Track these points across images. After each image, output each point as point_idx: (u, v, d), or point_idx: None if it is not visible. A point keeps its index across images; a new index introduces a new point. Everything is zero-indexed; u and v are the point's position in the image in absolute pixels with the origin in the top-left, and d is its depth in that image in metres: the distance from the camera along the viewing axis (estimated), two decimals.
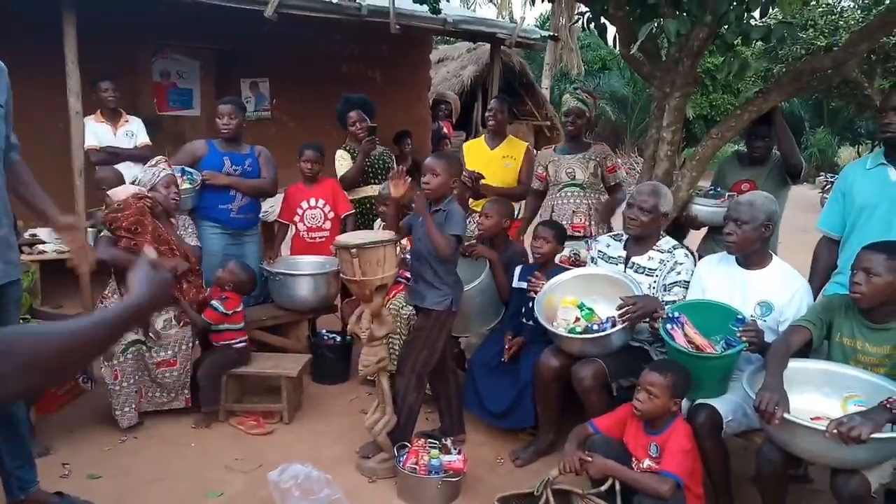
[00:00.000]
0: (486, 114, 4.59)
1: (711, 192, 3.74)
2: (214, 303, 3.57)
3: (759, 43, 4.93)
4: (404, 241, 3.72)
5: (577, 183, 4.08)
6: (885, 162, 2.94)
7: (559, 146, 4.30)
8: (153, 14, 5.50)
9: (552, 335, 3.13)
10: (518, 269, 3.61)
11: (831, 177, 16.64)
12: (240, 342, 3.66)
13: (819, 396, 2.50)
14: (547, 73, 18.96)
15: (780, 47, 8.80)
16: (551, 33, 7.70)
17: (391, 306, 3.70)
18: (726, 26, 3.00)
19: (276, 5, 5.48)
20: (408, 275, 3.52)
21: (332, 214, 4.46)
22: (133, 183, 3.92)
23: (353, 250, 2.94)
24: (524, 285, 3.50)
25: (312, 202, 4.43)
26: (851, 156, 23.58)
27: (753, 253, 2.87)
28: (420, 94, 8.94)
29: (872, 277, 2.40)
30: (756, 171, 3.73)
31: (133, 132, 5.25)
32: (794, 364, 2.52)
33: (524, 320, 3.50)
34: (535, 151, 4.64)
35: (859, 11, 7.62)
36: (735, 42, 3.11)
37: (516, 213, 4.33)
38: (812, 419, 2.29)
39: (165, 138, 6.53)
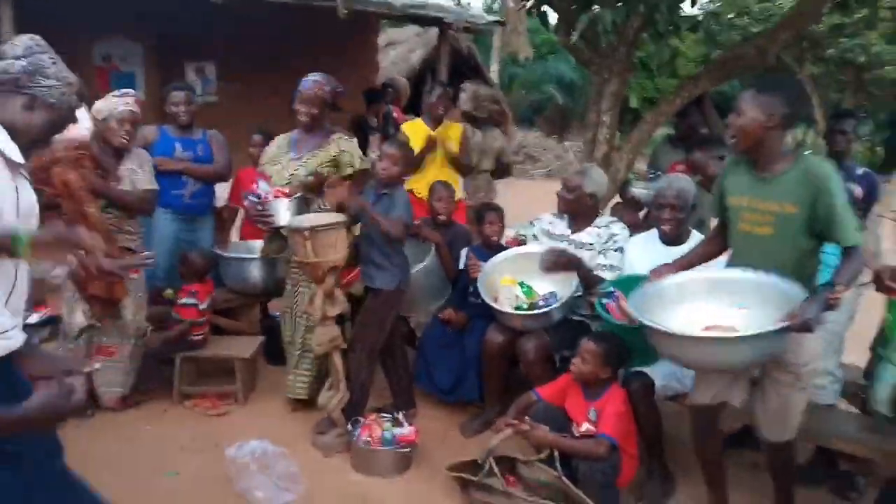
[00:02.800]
0: (432, 100, 4.67)
1: (651, 175, 3.95)
2: (187, 300, 3.61)
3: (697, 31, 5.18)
4: None
5: None
6: None
7: None
8: None
9: (497, 313, 3.30)
10: (464, 251, 3.75)
11: None
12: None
13: (708, 306, 2.48)
14: (495, 56, 19.09)
15: (718, 34, 9.08)
16: (499, 18, 7.80)
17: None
18: (658, 16, 3.18)
19: None
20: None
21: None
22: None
23: (307, 233, 3.04)
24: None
25: (266, 183, 4.45)
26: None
27: (676, 230, 3.09)
28: (369, 79, 8.96)
29: (741, 116, 2.34)
30: (687, 152, 3.94)
31: (78, 119, 5.16)
32: (678, 278, 2.55)
33: (472, 299, 3.65)
34: (470, 130, 4.82)
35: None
36: (665, 31, 3.30)
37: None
38: (705, 329, 2.34)
39: None
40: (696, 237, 3.13)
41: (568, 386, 2.92)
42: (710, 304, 2.46)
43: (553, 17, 3.92)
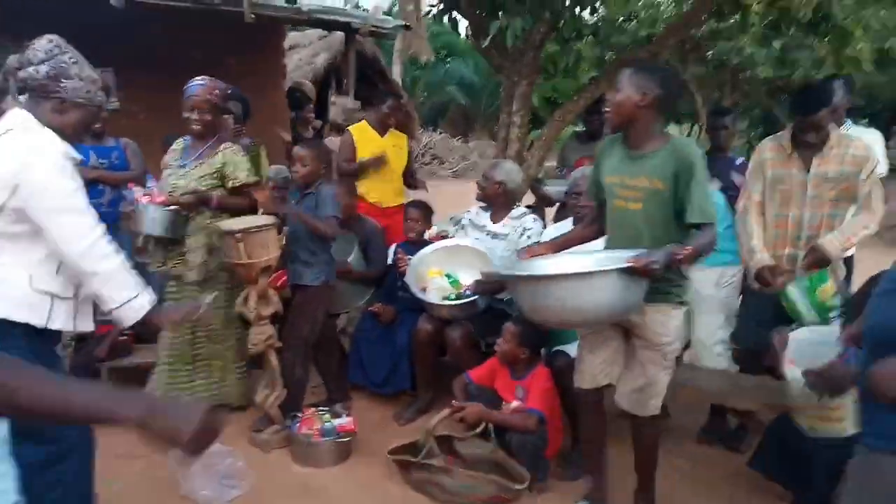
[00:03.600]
0: (385, 110, 4.62)
1: (558, 171, 4.24)
2: (102, 317, 3.54)
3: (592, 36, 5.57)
4: None
5: None
6: None
7: None
8: None
9: (426, 304, 3.47)
10: (393, 247, 3.90)
11: None
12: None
13: None
14: (397, 59, 19.26)
15: (610, 38, 9.60)
16: (404, 23, 7.98)
17: None
18: (562, 23, 3.46)
19: None
20: None
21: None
22: None
23: (239, 235, 3.09)
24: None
25: None
26: (677, 133, 26.05)
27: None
28: (276, 83, 8.89)
29: (617, 93, 2.44)
30: (593, 147, 4.26)
31: None
32: (552, 258, 2.60)
33: (400, 293, 3.80)
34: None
35: (673, 6, 8.58)
36: (570, 36, 3.58)
37: None
38: None
39: None
40: None
41: (496, 368, 3.14)
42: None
43: (463, 23, 4.15)
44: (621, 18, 8.47)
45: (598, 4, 3.62)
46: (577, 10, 3.41)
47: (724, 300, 3.53)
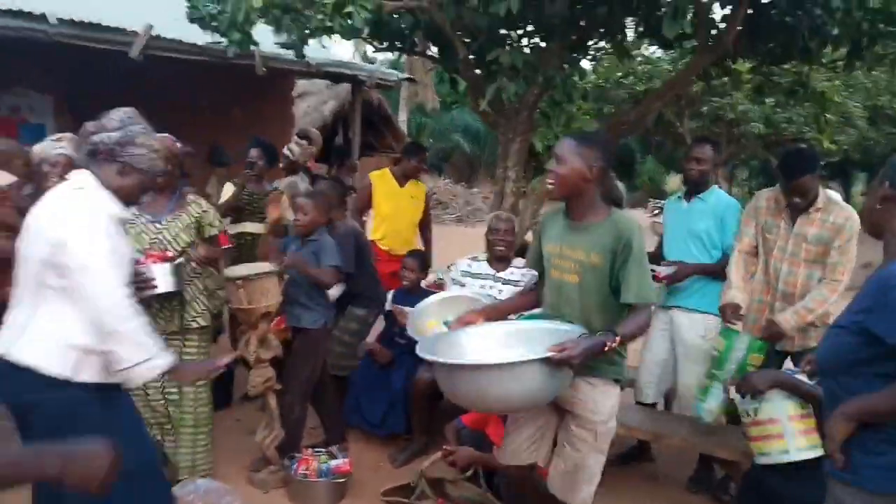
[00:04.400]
0: (414, 162, 4.77)
1: None
2: None
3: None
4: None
5: None
6: (683, 196, 3.72)
7: None
8: (4, 48, 5.40)
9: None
10: (391, 294, 4.05)
11: (658, 202, 18.69)
12: None
13: (503, 353, 2.36)
14: (403, 107, 19.77)
15: (606, 93, 9.87)
16: (408, 76, 8.30)
17: None
18: (554, 89, 3.69)
19: (141, 47, 5.61)
20: None
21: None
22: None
23: (240, 281, 3.25)
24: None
25: None
26: (677, 183, 26.46)
27: None
28: (284, 131, 9.18)
29: (561, 165, 2.33)
30: None
31: None
32: (481, 328, 2.48)
33: (396, 338, 3.94)
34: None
35: (668, 63, 8.91)
36: (561, 100, 3.80)
37: None
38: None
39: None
40: None
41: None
42: (502, 353, 2.34)
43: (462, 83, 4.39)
44: (619, 74, 8.82)
45: (589, 71, 3.84)
46: (569, 75, 3.63)
47: (709, 350, 3.62)
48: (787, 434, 2.53)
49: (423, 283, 4.10)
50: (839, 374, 1.71)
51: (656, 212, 17.52)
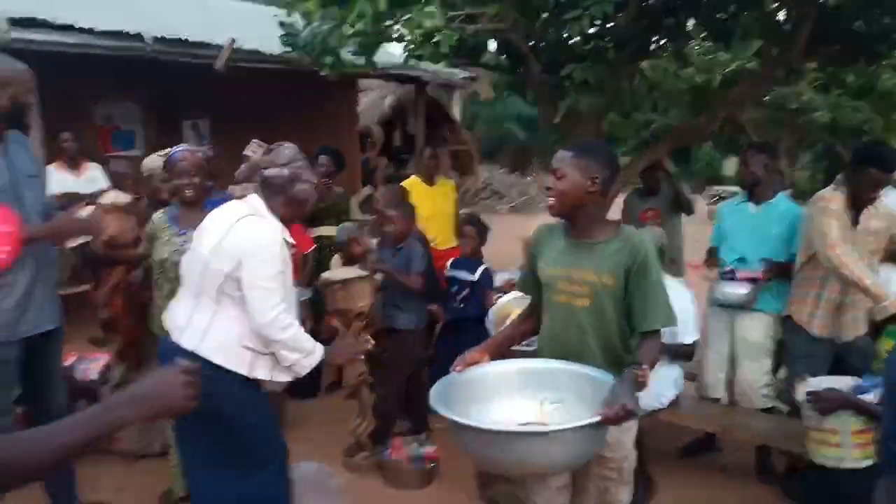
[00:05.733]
0: (425, 160, 5.20)
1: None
2: None
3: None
4: None
5: None
6: (747, 199, 3.87)
7: None
8: (99, 63, 5.84)
9: None
10: (449, 262, 4.37)
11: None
12: None
13: (522, 400, 2.18)
14: (457, 96, 19.94)
15: (666, 82, 9.83)
16: (469, 74, 8.53)
17: None
18: (622, 100, 3.89)
19: (226, 59, 6.01)
20: None
21: (293, 249, 5.00)
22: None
23: (338, 284, 3.59)
24: (456, 274, 4.33)
25: None
26: (734, 168, 25.88)
27: None
28: (349, 129, 9.59)
29: (561, 179, 2.17)
30: (655, 201, 4.65)
31: (94, 178, 5.64)
32: (492, 368, 2.27)
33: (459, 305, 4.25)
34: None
35: (727, 55, 8.87)
36: (630, 109, 4.00)
37: None
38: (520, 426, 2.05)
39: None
40: (666, 280, 3.74)
41: None
42: (522, 399, 2.17)
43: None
44: (673, 68, 8.83)
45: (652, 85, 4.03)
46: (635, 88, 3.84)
47: (770, 347, 3.79)
48: (845, 446, 2.74)
49: (500, 283, 4.36)
50: None
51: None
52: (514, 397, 2.18)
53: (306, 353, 2.46)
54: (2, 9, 4.81)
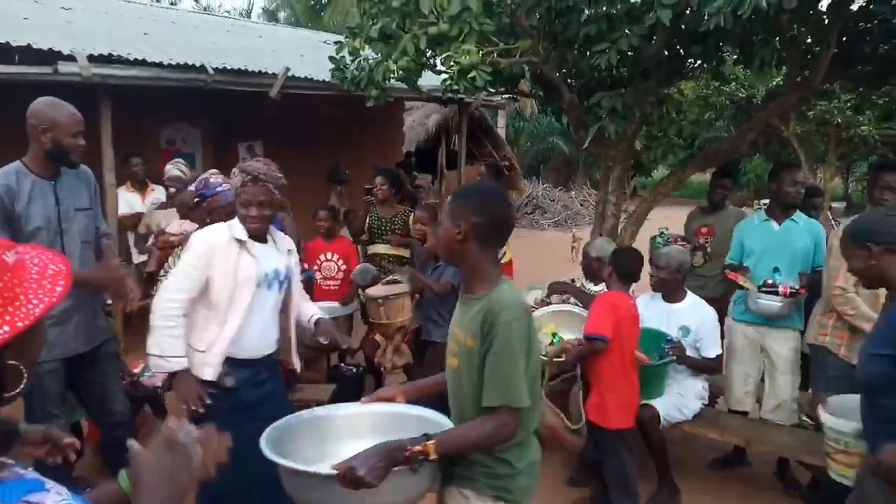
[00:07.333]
0: (476, 178, 5.50)
1: (666, 237, 4.71)
2: None
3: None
4: None
5: None
6: (768, 217, 4.01)
7: None
8: (165, 93, 6.29)
9: None
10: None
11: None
12: None
13: (371, 442, 1.85)
14: (502, 113, 20.24)
15: (710, 97, 9.96)
16: (510, 95, 8.78)
17: None
18: (651, 125, 4.09)
19: (280, 86, 6.41)
20: None
21: (344, 268, 5.31)
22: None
23: (380, 300, 3.89)
24: None
25: (329, 255, 5.31)
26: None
27: (671, 290, 3.87)
28: (395, 149, 9.96)
29: (441, 225, 2.09)
30: (715, 218, 4.70)
31: (158, 200, 6.09)
32: (361, 409, 2.20)
33: None
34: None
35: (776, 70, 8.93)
36: (658, 134, 4.19)
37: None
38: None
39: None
40: (690, 297, 3.91)
41: None
42: (372, 441, 1.85)
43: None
44: (716, 83, 8.93)
45: (682, 108, 4.21)
46: (663, 113, 4.03)
47: (798, 362, 3.91)
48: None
49: (533, 301, 4.57)
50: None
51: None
52: (364, 439, 1.97)
53: (161, 352, 2.60)
54: (82, 47, 5.29)
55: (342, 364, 5.27)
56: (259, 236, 2.72)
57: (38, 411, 2.85)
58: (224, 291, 2.63)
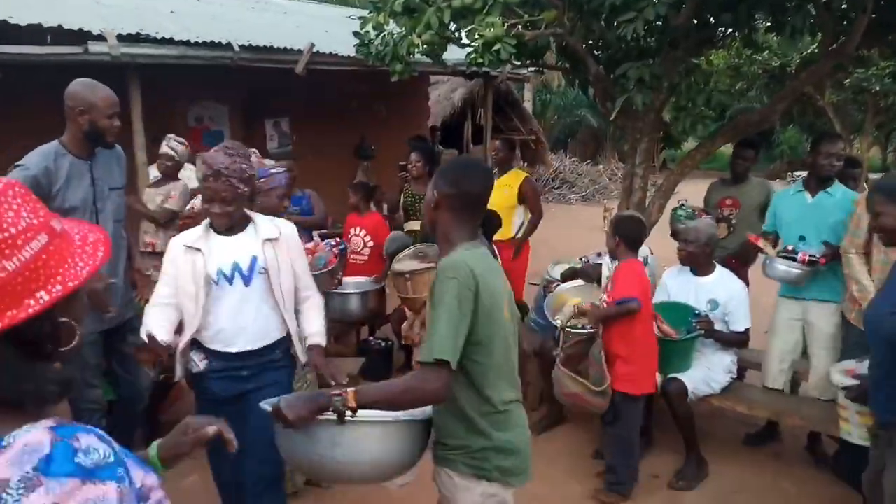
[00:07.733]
0: (491, 153, 5.50)
1: (688, 210, 4.64)
2: None
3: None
4: None
5: None
6: (803, 188, 3.93)
7: None
8: (193, 70, 6.34)
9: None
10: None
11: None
12: None
13: None
14: (528, 87, 20.02)
15: (742, 66, 9.76)
16: (538, 68, 8.69)
17: None
18: (679, 94, 4.02)
19: (305, 63, 6.43)
20: None
21: (371, 244, 5.35)
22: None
23: (407, 275, 3.92)
24: None
25: (357, 230, 5.36)
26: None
27: (700, 264, 3.83)
28: (420, 123, 9.94)
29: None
30: (737, 189, 4.61)
31: (188, 177, 6.18)
32: None
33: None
34: (533, 179, 5.55)
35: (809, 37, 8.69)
36: (685, 105, 4.12)
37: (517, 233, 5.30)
38: None
39: None
40: (718, 270, 3.88)
41: None
42: None
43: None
44: (749, 52, 8.71)
45: (711, 77, 4.13)
46: (691, 83, 3.95)
47: (839, 337, 3.82)
48: (852, 423, 2.97)
49: (558, 275, 4.57)
50: None
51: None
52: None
53: (143, 325, 2.58)
54: (111, 27, 5.36)
55: (371, 338, 5.34)
56: (227, 229, 2.56)
57: (78, 382, 2.95)
58: (180, 290, 2.57)
